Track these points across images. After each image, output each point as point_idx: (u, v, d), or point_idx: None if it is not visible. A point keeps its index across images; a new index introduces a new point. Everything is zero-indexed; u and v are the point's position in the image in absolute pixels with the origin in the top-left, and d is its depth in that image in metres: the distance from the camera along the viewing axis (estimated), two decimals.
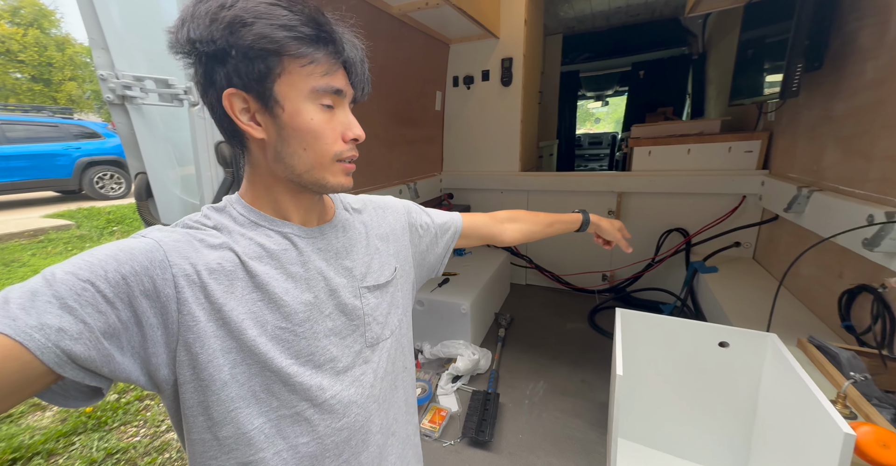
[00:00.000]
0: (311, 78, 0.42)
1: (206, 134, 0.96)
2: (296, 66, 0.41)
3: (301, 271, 0.47)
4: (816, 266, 1.29)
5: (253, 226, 0.47)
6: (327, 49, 0.42)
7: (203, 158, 0.98)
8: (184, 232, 0.43)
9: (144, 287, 0.37)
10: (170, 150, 0.97)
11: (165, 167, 0.96)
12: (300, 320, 0.46)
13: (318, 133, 0.44)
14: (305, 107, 0.43)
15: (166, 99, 0.89)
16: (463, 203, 2.60)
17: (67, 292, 0.33)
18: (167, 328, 0.39)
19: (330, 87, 0.43)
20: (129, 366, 0.37)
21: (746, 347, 0.98)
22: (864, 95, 1.10)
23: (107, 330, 0.34)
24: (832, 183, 1.23)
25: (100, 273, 0.35)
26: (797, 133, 1.51)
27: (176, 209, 0.99)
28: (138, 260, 0.37)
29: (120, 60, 0.83)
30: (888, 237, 0.87)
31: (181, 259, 0.40)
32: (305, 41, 0.41)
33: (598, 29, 3.49)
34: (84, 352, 0.33)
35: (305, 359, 0.46)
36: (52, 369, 0.32)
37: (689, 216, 2.03)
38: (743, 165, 1.85)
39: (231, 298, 0.42)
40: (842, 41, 1.21)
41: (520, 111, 2.29)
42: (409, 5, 1.62)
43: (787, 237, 1.57)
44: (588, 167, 5.48)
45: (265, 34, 0.39)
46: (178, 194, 1.00)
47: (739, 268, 1.80)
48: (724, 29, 2.59)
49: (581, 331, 1.98)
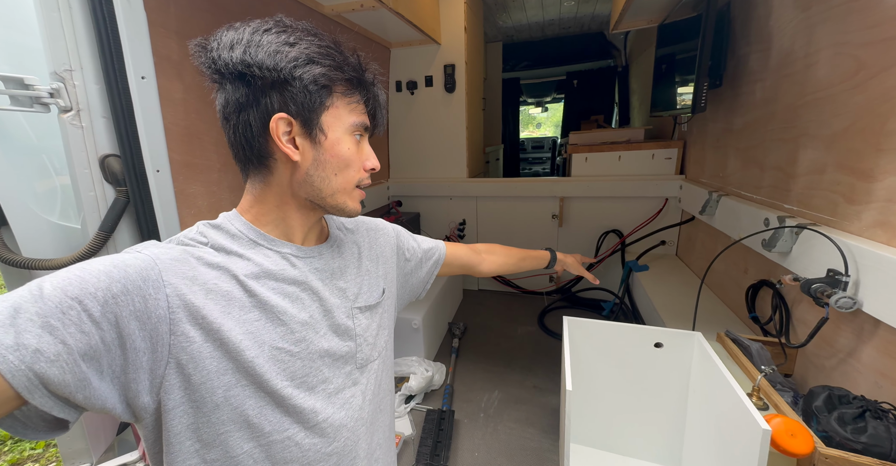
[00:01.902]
0: (353, 114, 0.48)
1: (85, 146, 0.80)
2: (343, 102, 0.47)
3: (297, 290, 0.48)
4: (726, 264, 1.45)
5: (251, 245, 0.48)
6: (368, 93, 0.50)
7: (83, 175, 0.81)
8: (181, 249, 0.43)
9: (135, 307, 0.36)
10: (29, 165, 0.79)
11: (23, 186, 0.77)
12: (296, 339, 0.47)
13: (350, 161, 0.49)
14: (345, 138, 0.48)
15: (23, 103, 0.72)
16: (412, 210, 2.54)
17: (52, 309, 0.32)
18: (155, 352, 0.38)
19: (364, 123, 0.50)
20: (107, 392, 0.35)
21: (677, 346, 1.05)
22: (756, 112, 1.25)
23: (87, 352, 0.33)
24: (735, 188, 1.39)
25: (90, 290, 0.34)
26: (706, 143, 1.69)
27: (43, 237, 0.80)
28: (131, 278, 0.36)
29: None
30: (781, 239, 0.99)
31: (177, 278, 0.40)
32: (354, 83, 0.48)
33: (535, 39, 3.66)
34: (58, 376, 0.31)
35: (300, 381, 0.46)
36: (19, 393, 0.31)
37: (623, 218, 2.18)
38: (664, 170, 2.03)
39: (228, 318, 0.42)
40: (735, 63, 1.38)
41: (465, 117, 2.30)
42: (343, 6, 1.53)
43: (703, 236, 1.75)
44: (532, 171, 5.73)
45: (326, 74, 0.44)
46: (47, 218, 0.81)
47: (666, 265, 1.97)
48: (642, 45, 2.85)
49: (532, 334, 2.03)
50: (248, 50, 0.42)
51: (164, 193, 0.90)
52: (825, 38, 0.93)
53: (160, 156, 0.88)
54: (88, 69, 0.75)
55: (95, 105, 0.77)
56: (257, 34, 0.43)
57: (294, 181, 0.48)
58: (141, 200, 0.86)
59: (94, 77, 0.75)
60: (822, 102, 0.95)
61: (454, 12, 2.15)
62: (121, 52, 0.76)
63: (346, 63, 0.46)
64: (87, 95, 0.75)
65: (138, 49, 0.80)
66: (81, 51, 0.73)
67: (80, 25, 0.72)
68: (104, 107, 0.78)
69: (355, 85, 0.48)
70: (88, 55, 0.74)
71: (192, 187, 1.04)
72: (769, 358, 0.95)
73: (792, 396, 0.90)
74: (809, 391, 0.79)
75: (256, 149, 0.46)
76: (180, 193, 0.98)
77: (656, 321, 1.50)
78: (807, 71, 1.00)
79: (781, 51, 1.10)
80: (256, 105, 0.44)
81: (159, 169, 0.88)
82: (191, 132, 1.01)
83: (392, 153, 2.50)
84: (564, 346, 1.03)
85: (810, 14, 0.98)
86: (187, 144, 1.01)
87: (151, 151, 0.85)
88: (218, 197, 1.13)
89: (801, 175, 1.03)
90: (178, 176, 0.97)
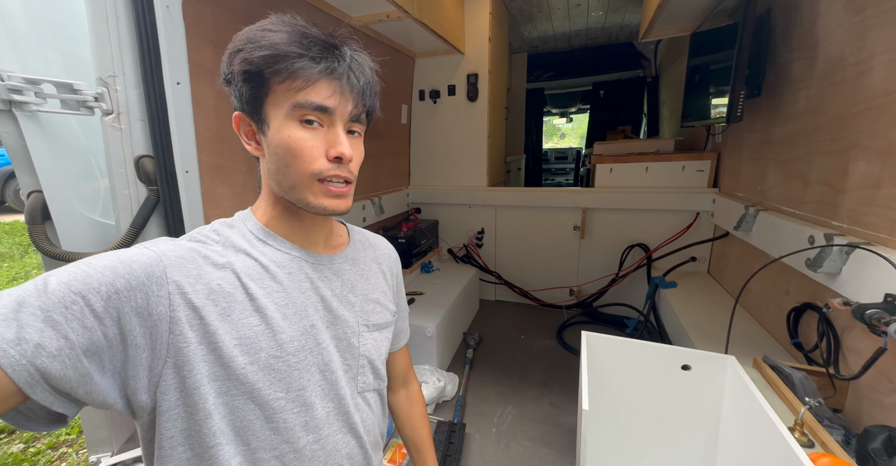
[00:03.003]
0: (289, 94, 0.41)
1: (122, 147, 0.84)
2: (275, 83, 0.41)
3: (302, 297, 0.46)
4: (765, 283, 1.35)
5: (261, 244, 0.46)
6: (302, 61, 0.40)
7: (119, 174, 0.86)
8: (190, 247, 0.42)
9: (137, 304, 0.36)
10: (75, 165, 0.84)
11: (69, 185, 0.82)
12: (295, 349, 0.44)
13: (297, 151, 0.42)
14: (286, 124, 0.42)
15: (71, 106, 0.77)
16: (431, 218, 2.55)
17: (55, 304, 0.32)
18: (154, 350, 0.37)
19: (309, 102, 0.41)
20: (108, 387, 0.35)
21: (708, 369, 0.97)
22: (799, 122, 1.17)
23: (89, 347, 0.33)
24: (775, 203, 1.30)
25: (93, 285, 0.34)
26: (742, 155, 1.60)
27: (82, 233, 0.85)
28: (135, 274, 0.36)
29: (7, 60, 0.70)
30: (828, 259, 0.91)
31: (181, 276, 0.39)
32: (280, 58, 0.40)
33: (561, 49, 3.64)
34: (59, 371, 0.31)
35: (295, 394, 0.44)
36: (21, 388, 0.31)
37: (650, 232, 2.09)
38: (695, 183, 1.94)
39: (226, 322, 0.40)
40: (776, 72, 1.30)
41: (486, 126, 2.29)
42: (370, 17, 1.58)
43: (738, 253, 1.64)
44: (555, 181, 5.64)
45: (248, 58, 0.40)
46: (88, 215, 0.86)
47: (696, 283, 1.86)
48: (673, 54, 2.77)
49: (549, 349, 1.95)
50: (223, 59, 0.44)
51: (191, 193, 0.94)
52: (881, 42, 0.86)
53: (190, 157, 0.92)
54: (129, 75, 0.79)
55: (134, 109, 0.81)
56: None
57: (267, 178, 0.47)
58: (170, 199, 0.90)
59: (134, 82, 0.80)
60: (876, 111, 0.87)
61: (479, 23, 2.17)
62: (159, 59, 0.80)
63: (274, 36, 0.40)
64: (127, 99, 0.80)
65: (175, 57, 0.84)
66: (125, 58, 0.78)
67: (125, 35, 0.77)
68: (141, 110, 0.82)
69: (283, 59, 0.40)
70: (130, 62, 0.79)
71: (219, 188, 1.08)
72: (815, 390, 0.86)
73: (843, 434, 0.81)
74: (865, 430, 0.70)
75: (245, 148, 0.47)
76: (207, 193, 1.01)
77: (685, 342, 1.41)
78: (859, 78, 0.93)
79: (829, 58, 1.03)
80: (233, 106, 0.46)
81: (188, 170, 0.92)
82: (220, 136, 1.06)
83: (413, 160, 2.52)
84: (582, 362, 0.97)
85: (864, 17, 0.92)
86: (216, 147, 1.05)
87: (182, 152, 0.89)
88: (243, 199, 1.17)
89: (852, 190, 0.94)
90: (206, 177, 1.00)
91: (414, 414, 0.71)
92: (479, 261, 2.50)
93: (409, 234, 2.09)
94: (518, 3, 2.52)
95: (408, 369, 0.71)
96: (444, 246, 2.58)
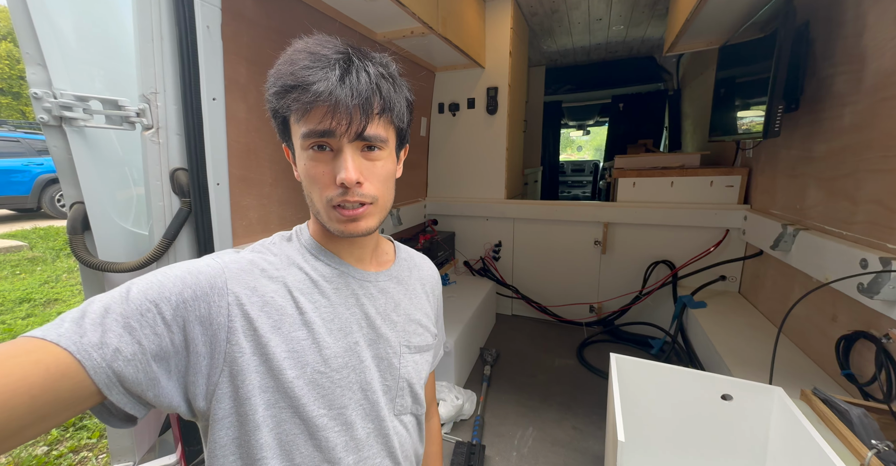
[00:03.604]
0: (298, 125, 0.43)
1: (160, 160, 0.86)
2: (293, 119, 0.43)
3: (347, 313, 0.47)
4: (808, 308, 1.26)
5: (313, 258, 0.48)
6: (297, 92, 0.40)
7: (155, 186, 0.87)
8: (250, 259, 0.44)
9: (200, 313, 0.38)
10: (114, 177, 0.86)
11: (108, 196, 0.84)
12: (339, 365, 0.44)
13: (312, 178, 0.44)
14: (301, 154, 0.44)
15: (115, 121, 0.79)
16: (448, 230, 2.53)
17: (134, 311, 0.34)
18: (213, 358, 0.39)
19: (309, 130, 0.41)
20: (173, 391, 0.37)
21: (751, 400, 0.90)
22: (845, 138, 1.12)
23: (158, 353, 0.35)
24: (818, 223, 1.23)
25: (165, 295, 0.36)
26: (777, 171, 1.53)
27: (118, 242, 0.87)
28: (201, 285, 0.38)
29: (59, 78, 0.73)
30: (886, 285, 0.84)
31: (240, 287, 0.41)
32: (287, 91, 0.40)
33: (580, 63, 3.64)
34: (133, 375, 0.34)
35: (337, 412, 0.44)
36: (100, 390, 0.33)
37: (675, 249, 2.01)
38: (725, 199, 1.87)
39: (277, 334, 0.41)
40: (816, 86, 1.25)
41: (505, 139, 2.28)
42: (394, 33, 1.61)
43: (774, 274, 1.56)
44: (571, 194, 5.57)
45: (268, 97, 0.43)
46: (123, 225, 0.88)
47: (727, 303, 1.77)
48: (697, 68, 2.73)
49: (570, 368, 1.88)
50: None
51: (221, 204, 0.95)
52: None
53: (221, 170, 0.94)
54: (170, 91, 0.81)
55: (172, 123, 0.83)
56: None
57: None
58: (201, 210, 0.91)
59: (173, 98, 0.82)
60: None
61: (500, 37, 2.19)
62: (198, 76, 0.83)
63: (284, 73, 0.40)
64: (167, 115, 0.82)
65: (212, 73, 0.86)
66: (166, 75, 0.80)
67: (168, 53, 0.80)
68: (179, 125, 0.84)
69: (284, 94, 0.40)
70: (171, 79, 0.81)
71: (246, 199, 1.09)
72: (877, 429, 0.78)
73: None
74: None
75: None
76: (235, 204, 1.02)
77: (719, 367, 1.33)
78: None
79: (879, 72, 0.98)
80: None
81: (219, 182, 0.93)
82: (249, 149, 1.07)
83: (431, 172, 2.53)
84: (613, 387, 0.92)
85: None
86: (245, 160, 1.07)
87: (214, 165, 0.90)
88: (268, 210, 1.18)
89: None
90: (235, 189, 1.02)
91: (430, 454, 0.65)
92: (496, 274, 2.45)
93: (425, 246, 2.07)
94: (539, 19, 2.54)
95: (431, 401, 0.66)
96: (460, 258, 2.55)
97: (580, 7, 2.37)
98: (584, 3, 2.31)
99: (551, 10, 2.40)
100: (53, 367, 0.30)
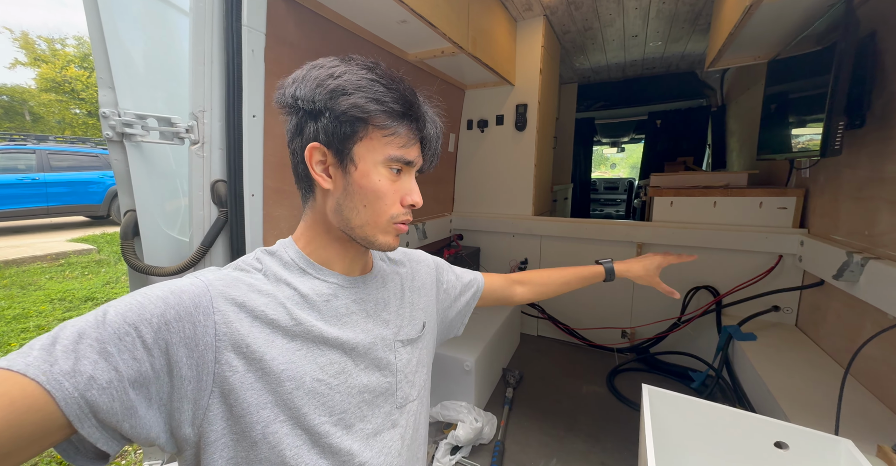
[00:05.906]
0: (389, 147, 0.47)
1: (203, 172, 0.92)
2: (378, 134, 0.46)
3: (339, 322, 0.48)
4: (883, 348, 1.10)
5: (301, 272, 0.48)
6: (410, 125, 0.47)
7: (197, 197, 0.94)
8: (235, 275, 0.44)
9: (185, 334, 0.37)
10: (164, 187, 0.93)
11: (157, 205, 0.91)
12: (335, 371, 0.46)
13: (381, 194, 0.47)
14: (377, 170, 0.47)
15: (167, 137, 0.87)
16: (473, 245, 2.51)
17: (111, 335, 0.33)
18: (200, 381, 0.37)
19: (403, 158, 0.48)
20: (153, 420, 0.35)
21: (811, 452, 0.79)
22: None
23: (137, 379, 0.34)
24: (891, 251, 1.08)
25: (146, 317, 0.35)
26: (839, 193, 1.39)
27: (162, 248, 0.93)
28: (184, 305, 0.37)
29: (125, 99, 0.81)
30: None
31: (226, 305, 0.40)
32: (392, 115, 0.46)
33: (614, 79, 3.57)
34: (107, 404, 0.32)
35: (338, 417, 0.45)
36: (70, 422, 0.31)
37: (719, 274, 1.86)
38: (777, 222, 1.71)
39: (272, 347, 0.41)
40: (885, 101, 1.13)
41: (534, 155, 2.26)
42: (426, 53, 1.66)
43: (838, 307, 1.39)
44: (604, 212, 5.38)
45: (359, 104, 0.44)
46: (168, 232, 0.95)
47: (781, 337, 1.59)
48: (744, 83, 2.59)
49: (599, 396, 1.75)
50: (299, 84, 0.45)
51: (254, 214, 1.00)
52: None
53: (257, 182, 0.99)
54: (216, 109, 0.88)
55: (216, 139, 0.90)
56: (314, 70, 0.46)
57: (328, 210, 0.49)
58: (236, 220, 0.96)
59: (219, 116, 0.89)
60: None
61: (531, 55, 2.20)
62: (241, 95, 0.89)
63: (388, 96, 0.45)
64: (212, 131, 0.89)
65: (254, 92, 0.93)
66: (213, 95, 0.88)
67: (216, 75, 0.87)
68: (221, 140, 0.90)
69: (396, 117, 0.46)
70: (217, 98, 0.88)
71: (278, 210, 1.14)
72: None
73: None
74: None
75: (303, 176, 0.50)
76: (268, 215, 1.07)
77: (772, 410, 1.18)
78: None
79: None
80: (301, 134, 0.47)
81: (254, 193, 0.98)
82: (284, 162, 1.13)
83: (458, 187, 2.54)
84: (645, 423, 0.84)
85: None
86: (280, 172, 1.12)
87: (251, 177, 0.96)
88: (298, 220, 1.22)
89: None
90: (268, 200, 1.07)
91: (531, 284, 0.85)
92: None
93: (450, 260, 2.06)
94: (571, 36, 2.54)
95: (502, 281, 0.80)
96: None
97: (614, 25, 2.34)
98: (618, 20, 2.28)
99: (584, 27, 2.39)
100: (20, 400, 0.28)
